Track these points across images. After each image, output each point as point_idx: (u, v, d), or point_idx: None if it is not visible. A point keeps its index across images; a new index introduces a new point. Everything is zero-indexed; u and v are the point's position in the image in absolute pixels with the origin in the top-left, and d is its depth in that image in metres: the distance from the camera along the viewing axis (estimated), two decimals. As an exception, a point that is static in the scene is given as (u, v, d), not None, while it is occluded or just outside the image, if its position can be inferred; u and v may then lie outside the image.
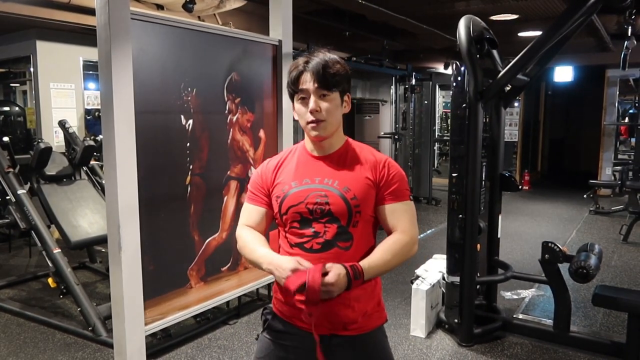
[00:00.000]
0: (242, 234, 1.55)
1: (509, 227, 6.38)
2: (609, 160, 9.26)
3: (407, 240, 1.47)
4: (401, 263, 1.48)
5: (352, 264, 1.37)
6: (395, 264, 1.46)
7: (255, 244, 1.50)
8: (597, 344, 3.27)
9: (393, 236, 1.48)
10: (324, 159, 1.52)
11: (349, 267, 1.35)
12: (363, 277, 1.38)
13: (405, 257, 1.47)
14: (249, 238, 1.52)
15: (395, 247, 1.45)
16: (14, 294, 4.27)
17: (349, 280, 1.34)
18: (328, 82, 1.44)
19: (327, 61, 1.45)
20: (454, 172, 3.36)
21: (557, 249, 3.26)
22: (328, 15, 5.82)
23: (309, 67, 1.44)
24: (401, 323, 3.68)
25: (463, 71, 3.27)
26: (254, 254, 1.48)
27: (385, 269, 1.45)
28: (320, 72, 1.43)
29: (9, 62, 6.61)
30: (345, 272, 1.34)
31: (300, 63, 1.47)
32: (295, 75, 1.46)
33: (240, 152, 3.61)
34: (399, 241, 1.46)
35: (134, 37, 2.78)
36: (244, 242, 1.53)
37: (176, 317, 3.18)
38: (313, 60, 1.45)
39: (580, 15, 2.98)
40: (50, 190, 4.23)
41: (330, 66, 1.44)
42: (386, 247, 1.45)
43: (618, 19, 5.96)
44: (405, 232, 1.47)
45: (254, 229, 1.55)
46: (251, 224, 1.56)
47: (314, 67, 1.44)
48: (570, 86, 10.24)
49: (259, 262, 1.46)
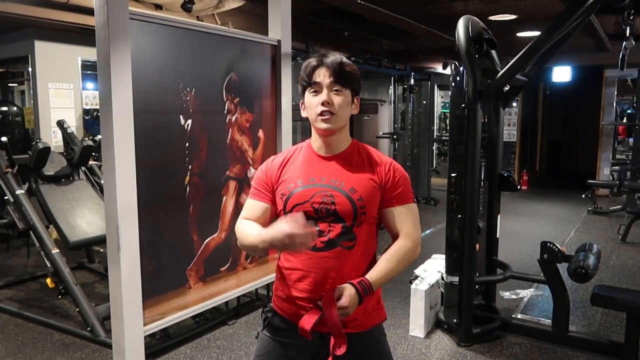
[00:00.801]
0: (239, 226, 1.56)
1: (507, 227, 6.39)
2: (607, 160, 9.27)
3: (410, 245, 1.51)
4: (406, 267, 1.53)
5: (360, 280, 1.42)
6: (401, 270, 1.51)
7: (250, 230, 1.50)
8: (595, 343, 3.27)
9: (397, 243, 1.51)
10: (331, 159, 1.53)
11: (357, 285, 1.40)
12: (372, 290, 1.43)
13: (409, 262, 1.53)
14: (245, 228, 1.52)
15: (399, 254, 1.49)
16: (12, 294, 4.26)
17: (360, 297, 1.39)
18: (343, 78, 1.46)
19: (343, 60, 1.49)
20: (453, 172, 3.36)
21: (556, 248, 3.26)
22: (327, 15, 5.82)
23: (325, 62, 1.47)
24: (400, 323, 3.68)
25: (462, 71, 3.27)
26: (249, 239, 1.48)
27: (392, 276, 1.49)
28: (337, 68, 1.46)
29: (7, 62, 6.60)
30: (355, 291, 1.39)
31: (316, 59, 1.49)
32: (311, 69, 1.48)
33: (239, 152, 3.61)
34: (403, 247, 1.50)
35: (133, 37, 2.78)
36: (240, 233, 1.53)
37: (175, 317, 3.17)
38: (329, 57, 1.48)
39: (578, 15, 2.99)
40: (48, 190, 4.22)
41: (346, 65, 1.48)
42: (391, 255, 1.49)
43: (616, 19, 5.97)
44: (408, 236, 1.51)
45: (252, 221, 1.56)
46: (252, 217, 1.56)
47: (330, 62, 1.47)
48: (569, 86, 10.26)
49: (254, 245, 1.46)
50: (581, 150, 11.80)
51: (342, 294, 1.38)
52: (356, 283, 1.40)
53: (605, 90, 9.17)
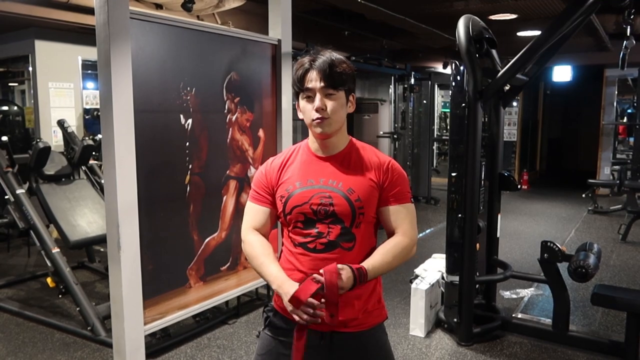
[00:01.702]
0: (250, 242, 1.55)
1: (508, 226, 6.39)
2: (607, 159, 9.27)
3: (407, 242, 1.51)
4: (401, 264, 1.53)
5: (358, 267, 1.42)
6: (395, 265, 1.51)
7: (266, 258, 1.50)
8: (595, 343, 3.27)
9: (394, 238, 1.52)
10: (328, 159, 1.53)
11: (355, 270, 1.40)
12: (367, 279, 1.43)
13: (404, 259, 1.52)
14: (258, 249, 1.52)
15: (396, 250, 1.49)
16: (13, 294, 4.26)
17: (354, 282, 1.39)
18: (334, 81, 1.44)
19: (334, 60, 1.45)
20: (453, 171, 3.36)
21: (556, 248, 3.26)
22: (327, 15, 5.82)
23: (315, 66, 1.44)
24: (400, 322, 3.68)
25: (462, 71, 3.27)
26: (264, 269, 1.49)
27: (386, 270, 1.50)
28: (327, 71, 1.43)
29: (7, 62, 6.60)
30: (352, 274, 1.39)
31: (306, 61, 1.47)
32: (302, 74, 1.46)
33: (240, 152, 3.61)
34: (400, 244, 1.50)
35: (133, 36, 2.78)
36: (253, 253, 1.53)
37: (175, 316, 3.18)
38: (319, 59, 1.45)
39: (579, 15, 2.98)
40: (49, 189, 4.22)
41: (337, 65, 1.44)
42: (387, 249, 1.49)
43: (617, 18, 5.97)
44: (405, 234, 1.51)
45: (260, 234, 1.56)
46: (257, 225, 1.56)
47: (320, 66, 1.44)
48: (569, 86, 10.25)
49: (268, 280, 1.48)
50: (581, 149, 11.80)
51: (343, 272, 1.38)
52: (355, 268, 1.41)
53: (605, 90, 9.17)
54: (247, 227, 1.58)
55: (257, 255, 1.52)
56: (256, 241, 1.54)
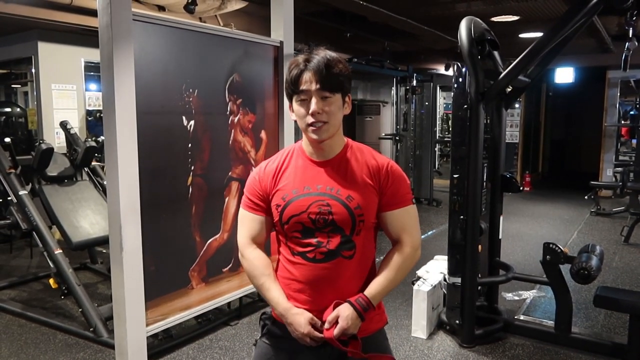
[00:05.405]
0: (249, 259, 1.50)
1: (510, 228, 6.38)
2: (610, 161, 9.26)
3: (408, 252, 1.47)
4: (407, 274, 1.50)
5: (357, 298, 1.40)
6: (401, 279, 1.48)
7: (266, 279, 1.47)
8: (598, 345, 3.26)
9: (395, 252, 1.48)
10: (325, 164, 1.45)
11: (354, 303, 1.38)
12: (372, 306, 1.41)
13: (409, 269, 1.49)
14: (258, 269, 1.48)
15: (398, 262, 1.46)
16: (16, 295, 4.27)
17: (360, 315, 1.38)
18: (331, 84, 1.36)
19: (329, 60, 1.36)
20: (455, 173, 3.36)
21: (559, 250, 3.26)
22: (329, 17, 5.82)
23: (310, 67, 1.36)
24: (402, 324, 3.68)
25: (464, 72, 3.27)
26: (265, 292, 1.47)
27: (392, 287, 1.47)
28: (323, 73, 1.34)
29: (10, 63, 6.62)
30: (354, 310, 1.38)
31: (301, 61, 1.38)
32: (296, 75, 1.37)
33: (242, 153, 3.62)
34: (401, 256, 1.47)
35: (136, 38, 2.79)
36: (253, 273, 1.49)
37: (177, 318, 3.18)
38: (314, 59, 1.36)
39: (581, 16, 2.99)
40: (51, 191, 4.23)
41: (333, 66, 1.36)
42: (389, 266, 1.46)
43: (619, 20, 5.96)
44: (407, 241, 1.47)
45: (258, 246, 1.51)
46: (253, 235, 1.51)
47: (315, 67, 1.35)
48: (571, 87, 10.23)
49: (270, 303, 1.47)
50: (584, 151, 11.77)
51: (340, 315, 1.37)
52: (354, 302, 1.38)
53: (608, 92, 9.16)
54: (244, 239, 1.51)
55: (257, 275, 1.48)
56: (255, 259, 1.49)
